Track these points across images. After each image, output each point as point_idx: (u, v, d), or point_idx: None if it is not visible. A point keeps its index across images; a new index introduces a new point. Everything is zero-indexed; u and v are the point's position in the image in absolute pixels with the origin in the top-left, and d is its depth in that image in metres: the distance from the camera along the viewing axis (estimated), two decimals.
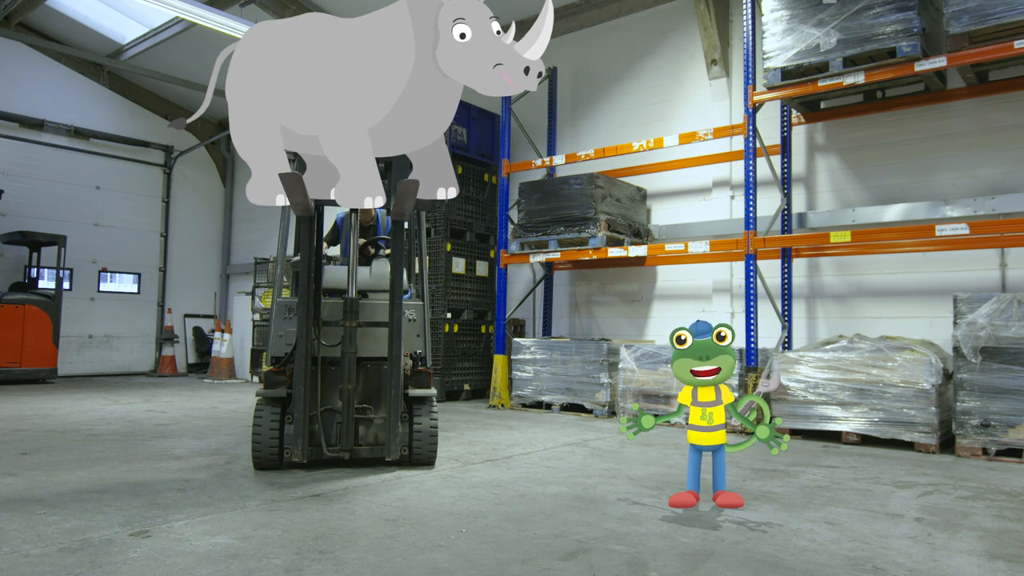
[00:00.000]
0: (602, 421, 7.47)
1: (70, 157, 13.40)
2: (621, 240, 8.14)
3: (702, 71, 8.62)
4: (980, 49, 5.75)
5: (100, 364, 13.75)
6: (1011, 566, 2.87)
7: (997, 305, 5.42)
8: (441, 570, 2.71)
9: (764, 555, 2.95)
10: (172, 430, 6.39)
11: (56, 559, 2.77)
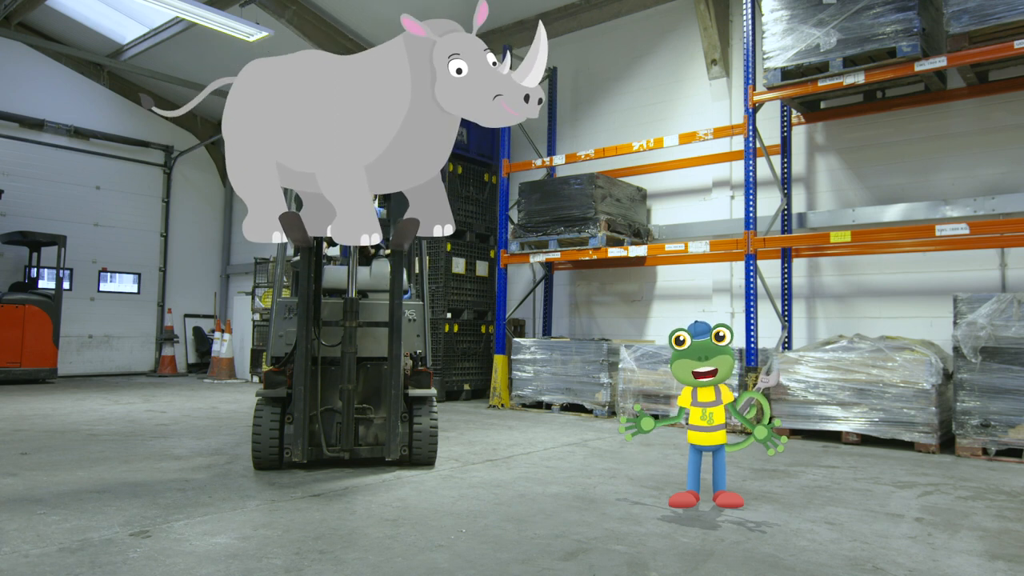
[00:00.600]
0: (602, 421, 7.47)
1: (70, 157, 13.39)
2: (621, 240, 8.14)
3: (702, 71, 8.62)
4: (980, 49, 5.75)
5: (100, 364, 13.74)
6: (1011, 566, 2.87)
7: (997, 305, 5.42)
8: (441, 570, 2.71)
9: (764, 555, 2.95)
10: (172, 430, 6.39)
11: (56, 559, 2.77)
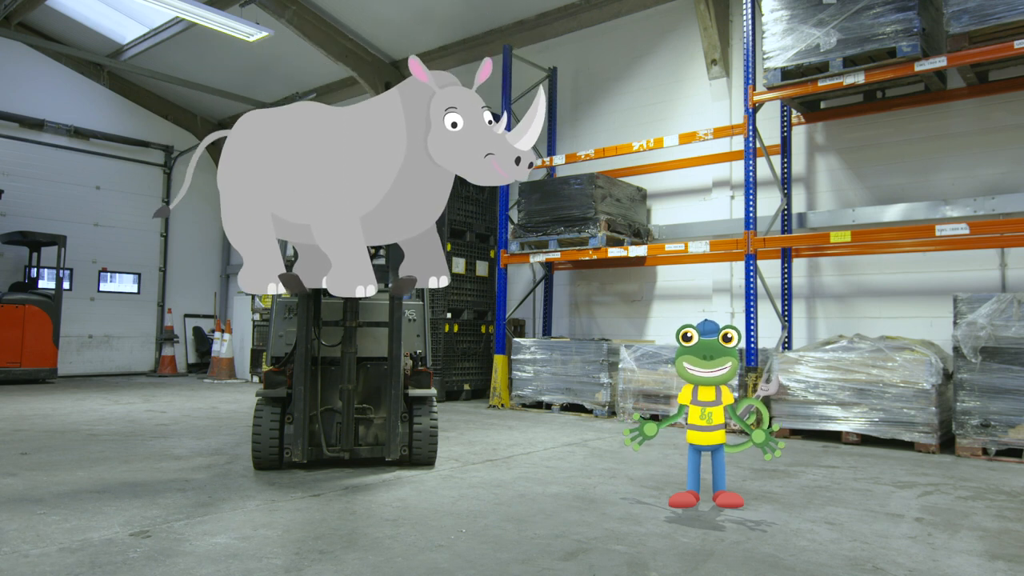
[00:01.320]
0: (602, 421, 7.47)
1: (70, 157, 13.40)
2: (621, 240, 8.14)
3: (702, 71, 8.62)
4: (980, 49, 5.75)
5: (100, 364, 13.75)
6: (1011, 566, 2.87)
7: (997, 305, 5.42)
8: (441, 570, 2.71)
9: (764, 555, 2.95)
10: (172, 430, 6.39)
11: (56, 559, 2.77)
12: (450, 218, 9.54)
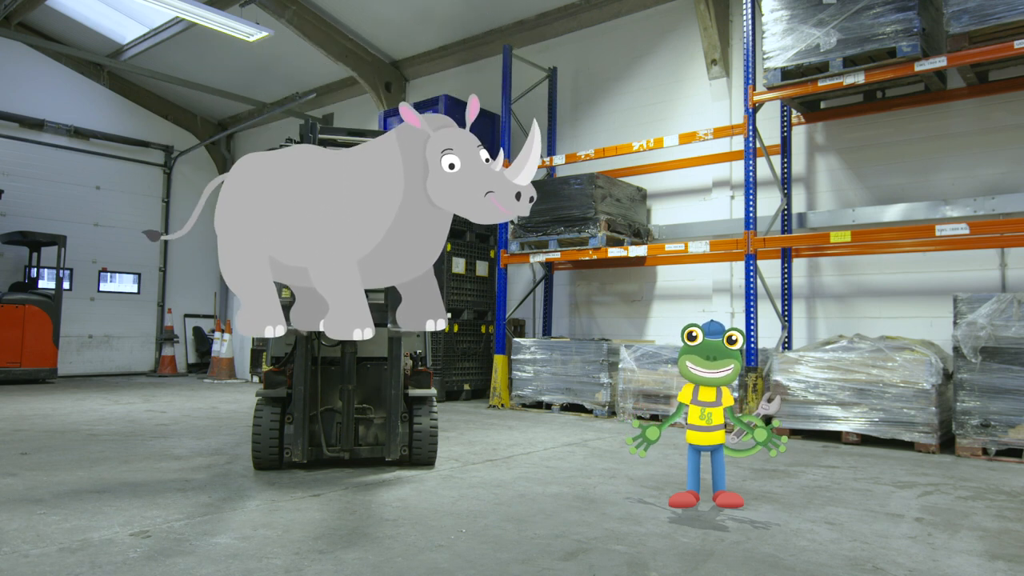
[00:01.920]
0: (602, 421, 7.47)
1: (70, 157, 13.40)
2: (621, 240, 8.14)
3: (702, 71, 8.62)
4: (980, 49, 5.75)
5: (100, 364, 13.75)
6: (1011, 566, 2.87)
7: (997, 305, 5.42)
8: (441, 570, 2.71)
9: (764, 555, 2.95)
10: (172, 430, 6.39)
11: (56, 559, 2.77)
12: None
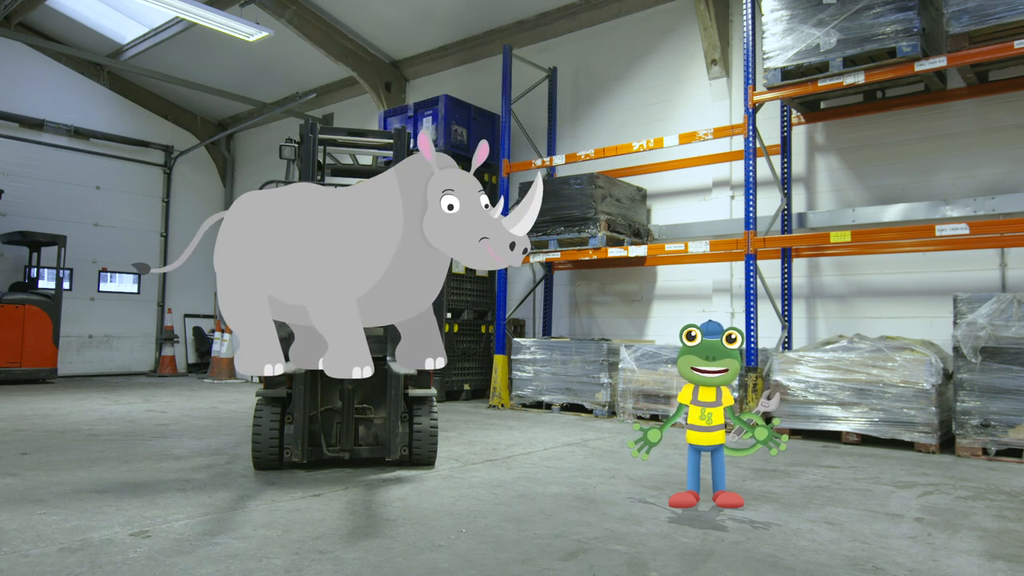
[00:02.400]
0: (602, 421, 7.47)
1: (70, 157, 13.40)
2: (621, 240, 8.14)
3: (702, 71, 8.62)
4: (980, 49, 5.75)
5: (100, 364, 13.75)
6: (1011, 566, 2.87)
7: (997, 305, 5.42)
8: (441, 570, 2.71)
9: (764, 555, 2.95)
10: (172, 430, 6.39)
11: (56, 559, 2.77)
12: None
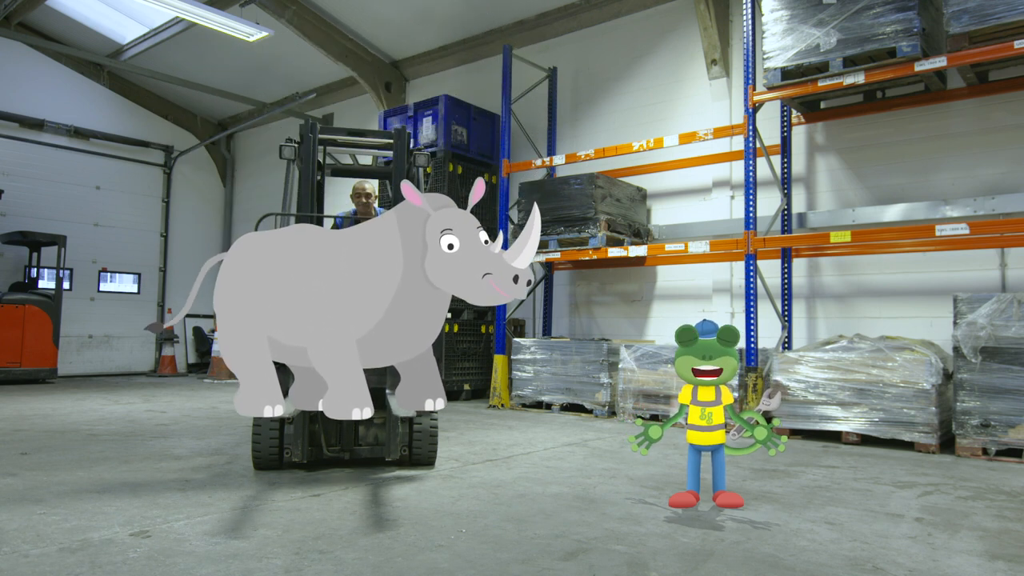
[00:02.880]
0: (602, 421, 7.47)
1: (70, 157, 13.40)
2: (621, 240, 8.14)
3: (702, 71, 8.62)
4: (980, 49, 5.75)
5: (100, 364, 13.75)
6: (1011, 566, 2.87)
7: (997, 305, 5.42)
8: (441, 570, 2.71)
9: (764, 555, 2.95)
10: (172, 430, 6.39)
11: (56, 559, 2.77)
12: None
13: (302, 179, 4.77)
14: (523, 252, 3.14)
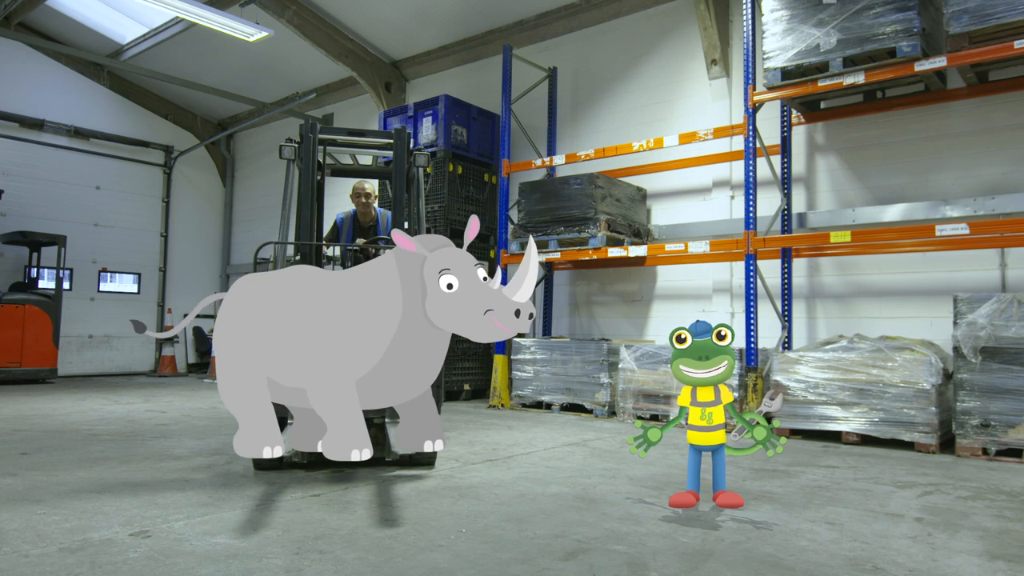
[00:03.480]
0: (602, 421, 7.47)
1: (70, 157, 13.40)
2: (621, 240, 8.14)
3: (702, 71, 8.62)
4: (980, 49, 5.75)
5: (100, 364, 13.75)
6: (1011, 566, 2.87)
7: (997, 305, 5.42)
8: (441, 570, 2.71)
9: (764, 555, 2.95)
10: (172, 430, 6.39)
11: (56, 559, 2.77)
12: (450, 218, 9.54)
13: (302, 179, 4.77)
14: (523, 286, 3.16)
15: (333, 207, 8.04)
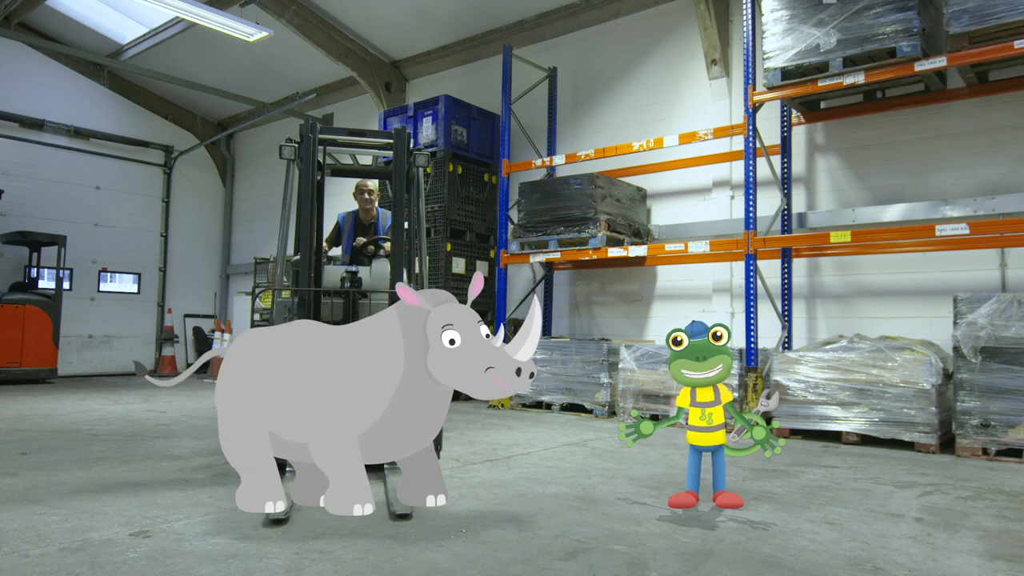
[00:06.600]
0: (602, 421, 7.47)
1: (70, 157, 13.40)
2: (621, 240, 8.14)
3: (702, 71, 8.62)
4: (980, 49, 5.75)
5: (100, 364, 13.75)
6: (1011, 566, 2.87)
7: (997, 305, 5.42)
8: (441, 570, 2.71)
9: (764, 555, 2.95)
10: (172, 430, 6.39)
11: (56, 559, 2.77)
12: (450, 218, 9.55)
13: (302, 179, 4.77)
14: (525, 345, 3.17)
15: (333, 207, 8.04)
